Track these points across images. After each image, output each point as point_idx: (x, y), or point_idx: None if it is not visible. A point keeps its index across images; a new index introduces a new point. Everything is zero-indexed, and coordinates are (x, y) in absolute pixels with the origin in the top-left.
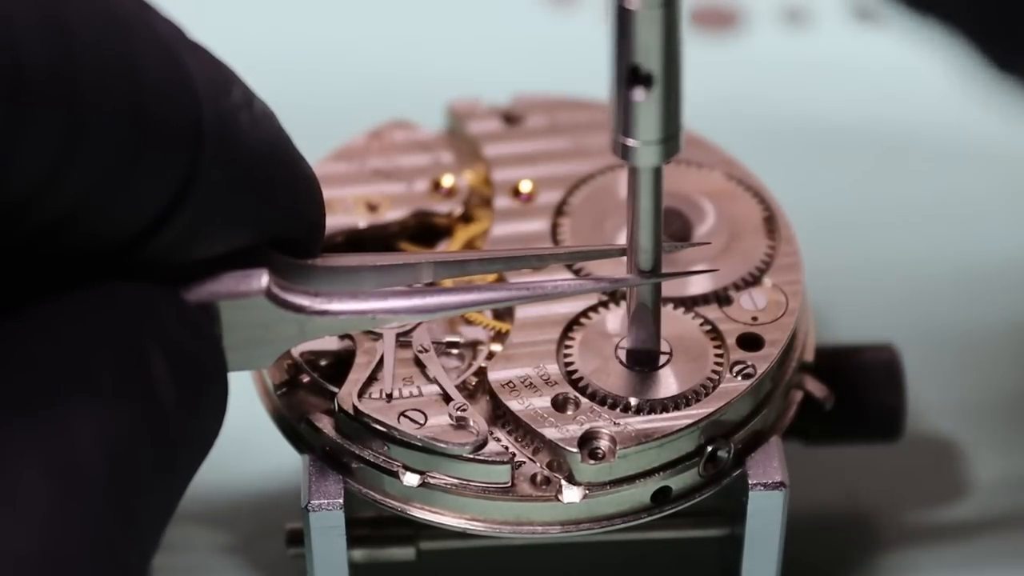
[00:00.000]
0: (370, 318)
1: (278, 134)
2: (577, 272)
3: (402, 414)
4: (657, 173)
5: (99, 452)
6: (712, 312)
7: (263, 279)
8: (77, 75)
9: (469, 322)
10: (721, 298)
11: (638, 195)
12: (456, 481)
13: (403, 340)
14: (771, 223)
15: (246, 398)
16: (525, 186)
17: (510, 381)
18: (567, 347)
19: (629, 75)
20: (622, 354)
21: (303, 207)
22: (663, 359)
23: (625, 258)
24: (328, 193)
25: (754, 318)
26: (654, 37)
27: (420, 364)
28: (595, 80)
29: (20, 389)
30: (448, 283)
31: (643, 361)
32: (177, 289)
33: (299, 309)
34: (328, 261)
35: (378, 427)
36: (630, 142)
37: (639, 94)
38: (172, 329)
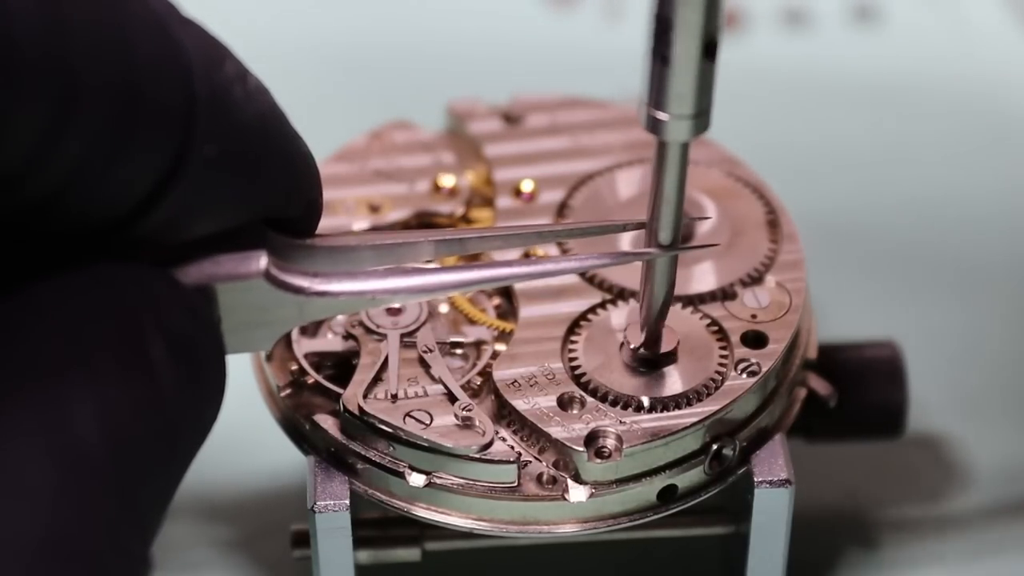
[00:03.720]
0: (369, 298)
1: (272, 110)
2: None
3: (407, 414)
4: (684, 149)
5: (99, 435)
6: (716, 310)
7: (261, 260)
8: (69, 49)
9: (473, 321)
10: (725, 295)
11: (664, 170)
12: (462, 481)
13: (407, 341)
14: (773, 221)
15: (250, 398)
16: (526, 186)
17: (515, 380)
18: (572, 346)
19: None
20: (628, 351)
21: (299, 184)
22: (669, 344)
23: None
24: (329, 195)
25: (758, 316)
26: (698, 7)
27: (425, 364)
28: (595, 80)
29: (17, 371)
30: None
31: (651, 345)
32: (173, 271)
33: (298, 290)
34: (326, 241)
35: (384, 428)
36: (661, 115)
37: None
38: (169, 311)
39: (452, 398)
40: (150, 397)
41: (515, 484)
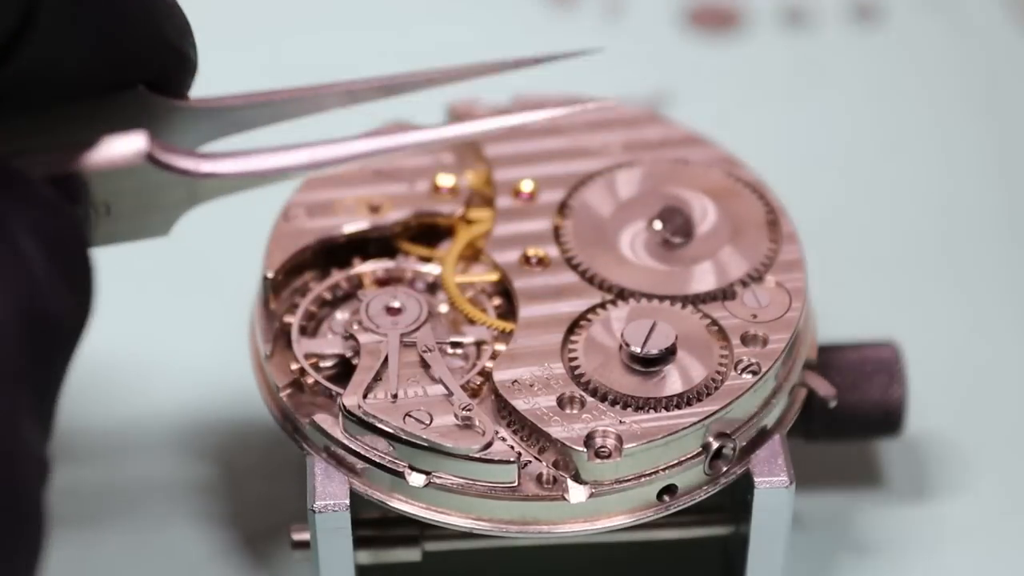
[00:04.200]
0: (261, 177)
1: None
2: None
3: (407, 414)
4: None
5: None
6: (716, 310)
7: (141, 142)
8: None
9: (473, 321)
10: (725, 295)
11: None
12: (462, 481)
13: (407, 341)
14: (773, 221)
15: (250, 398)
16: (526, 186)
17: (515, 380)
18: (572, 346)
19: None
20: (627, 352)
21: (164, 31)
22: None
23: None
24: (330, 195)
25: (758, 316)
26: None
27: (424, 364)
28: (595, 80)
29: None
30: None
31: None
32: (51, 157)
33: (184, 172)
34: (211, 103)
35: (384, 427)
36: None
37: None
38: (30, 206)
39: (452, 398)
40: (25, 289)
41: (515, 484)
